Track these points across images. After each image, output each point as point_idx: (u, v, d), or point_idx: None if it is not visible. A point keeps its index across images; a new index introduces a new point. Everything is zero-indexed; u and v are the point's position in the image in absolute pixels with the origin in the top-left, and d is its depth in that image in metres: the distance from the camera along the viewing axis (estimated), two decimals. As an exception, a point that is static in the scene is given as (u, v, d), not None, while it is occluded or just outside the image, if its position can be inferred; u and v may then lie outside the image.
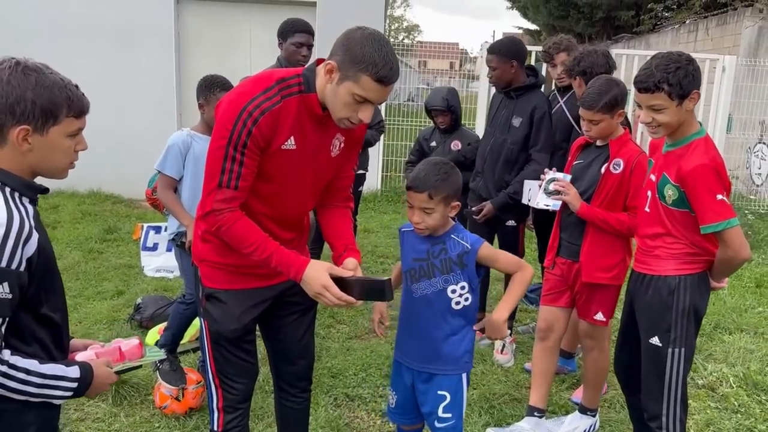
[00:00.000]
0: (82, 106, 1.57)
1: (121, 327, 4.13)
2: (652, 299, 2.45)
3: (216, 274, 2.15)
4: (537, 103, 3.78)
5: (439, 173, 2.20)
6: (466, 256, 2.26)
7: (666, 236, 2.42)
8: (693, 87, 2.29)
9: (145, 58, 8.05)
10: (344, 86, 1.89)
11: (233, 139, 1.90)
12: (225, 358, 2.21)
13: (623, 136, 2.91)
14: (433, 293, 2.30)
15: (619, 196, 2.85)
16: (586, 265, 2.93)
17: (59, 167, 1.59)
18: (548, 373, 3.14)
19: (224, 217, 1.97)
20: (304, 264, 2.00)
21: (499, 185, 3.86)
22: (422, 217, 2.22)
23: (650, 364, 2.49)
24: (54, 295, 1.57)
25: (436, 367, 2.34)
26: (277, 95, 1.94)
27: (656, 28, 15.81)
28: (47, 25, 7.92)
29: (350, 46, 1.87)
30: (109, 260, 5.62)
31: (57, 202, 7.74)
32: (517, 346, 4.17)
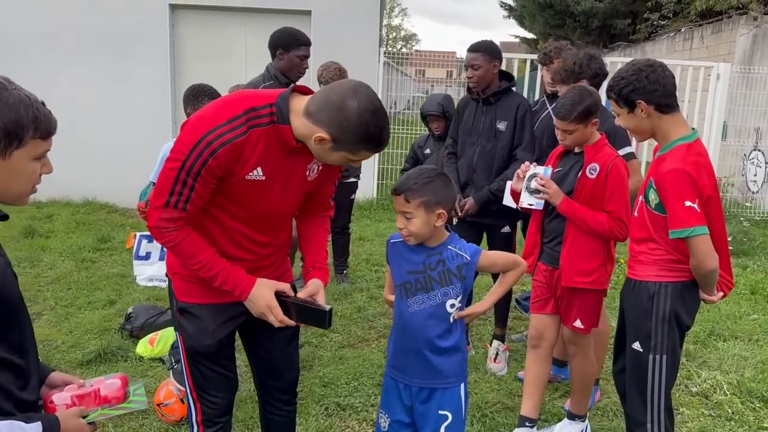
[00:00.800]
0: (49, 126, 1.41)
1: (111, 336, 4.10)
2: (635, 304, 2.47)
3: (189, 287, 2.11)
4: (519, 102, 3.77)
5: (420, 177, 2.14)
6: (466, 267, 2.20)
7: (649, 241, 2.43)
8: (634, 96, 2.34)
9: (140, 67, 8.06)
10: (339, 154, 1.88)
11: (187, 164, 1.83)
12: (202, 373, 2.17)
13: (599, 141, 2.91)
14: (432, 307, 2.20)
15: (595, 201, 2.85)
16: (566, 270, 2.93)
17: (19, 193, 1.42)
18: (541, 382, 3.12)
19: (170, 236, 1.93)
20: (250, 284, 1.99)
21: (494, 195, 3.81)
22: (403, 221, 2.16)
23: (633, 370, 2.49)
24: (15, 334, 1.42)
25: (437, 382, 2.25)
26: (243, 125, 1.85)
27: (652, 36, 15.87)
28: (41, 35, 7.93)
29: (347, 124, 1.80)
30: (102, 269, 5.60)
31: (51, 211, 7.72)
32: (511, 354, 4.15)
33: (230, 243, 2.04)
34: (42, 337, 4.06)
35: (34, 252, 5.99)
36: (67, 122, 8.08)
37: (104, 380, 1.63)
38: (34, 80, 7.87)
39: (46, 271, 5.48)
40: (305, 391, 3.49)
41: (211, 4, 8.09)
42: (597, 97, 2.92)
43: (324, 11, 8.02)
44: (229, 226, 2.02)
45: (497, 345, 3.98)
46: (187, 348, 2.15)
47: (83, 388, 1.58)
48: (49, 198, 8.27)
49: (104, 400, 1.58)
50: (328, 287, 5.02)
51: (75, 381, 1.61)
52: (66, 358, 3.80)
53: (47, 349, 3.90)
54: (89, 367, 3.69)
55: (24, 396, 1.44)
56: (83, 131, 8.04)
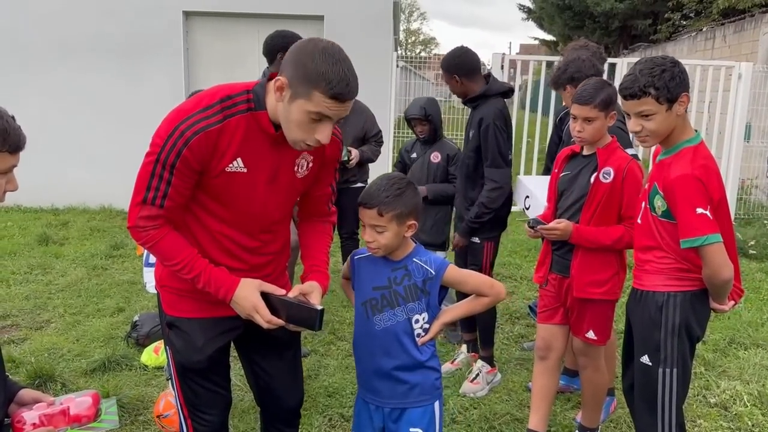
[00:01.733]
0: (18, 140, 1.39)
1: (117, 345, 4.08)
2: (642, 316, 2.35)
3: (177, 300, 2.04)
4: (483, 114, 3.54)
5: (391, 189, 2.02)
6: (431, 282, 2.08)
7: (656, 250, 2.31)
8: (680, 90, 2.18)
9: (154, 74, 8.09)
10: (296, 104, 1.73)
11: (161, 157, 1.78)
12: (192, 390, 2.10)
13: (611, 143, 2.79)
14: (399, 324, 2.09)
15: (612, 207, 2.73)
16: (578, 280, 2.81)
17: None
18: (549, 394, 3.01)
19: (148, 235, 1.86)
20: (234, 284, 1.89)
21: (466, 202, 3.69)
22: (373, 235, 2.04)
23: (642, 385, 2.37)
24: None
25: (409, 401, 2.14)
26: (219, 114, 1.80)
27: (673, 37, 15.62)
28: (57, 43, 8.00)
29: (301, 60, 1.71)
30: (113, 276, 5.60)
31: (68, 218, 7.78)
32: (522, 363, 4.04)
33: (218, 249, 1.96)
34: (49, 345, 4.05)
35: (48, 259, 6.01)
36: (84, 129, 8.25)
37: (74, 398, 1.59)
38: (51, 87, 8.07)
39: (58, 278, 5.49)
40: (309, 401, 3.42)
41: (225, 10, 8.10)
42: (615, 89, 2.79)
43: (337, 16, 7.99)
44: (215, 229, 1.94)
45: (480, 365, 3.74)
46: (177, 364, 2.08)
47: (53, 406, 1.54)
48: (66, 205, 8.35)
49: (74, 419, 1.54)
50: (336, 293, 4.98)
51: (45, 399, 1.57)
52: (71, 366, 3.78)
53: (53, 358, 3.89)
54: (93, 376, 3.67)
55: None
56: (100, 138, 8.11)
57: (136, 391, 3.46)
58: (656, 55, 2.26)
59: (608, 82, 2.82)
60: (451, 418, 3.37)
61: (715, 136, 8.62)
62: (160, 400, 3.17)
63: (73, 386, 3.50)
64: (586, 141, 2.78)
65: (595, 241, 2.73)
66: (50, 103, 8.05)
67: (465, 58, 3.63)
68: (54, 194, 8.30)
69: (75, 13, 7.97)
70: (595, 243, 2.74)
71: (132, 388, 3.51)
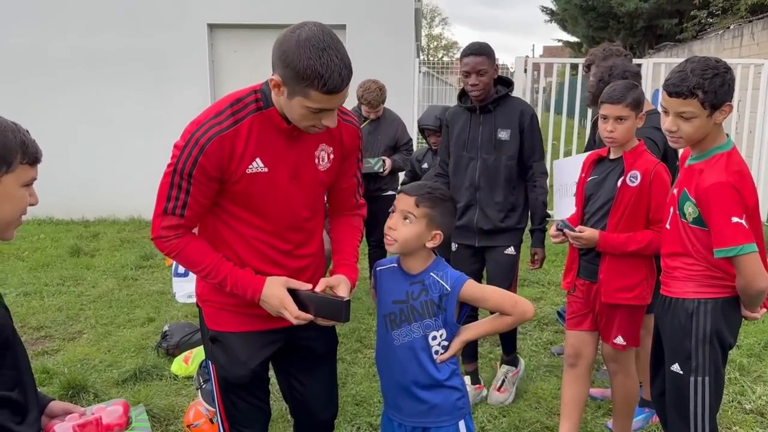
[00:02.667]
0: (36, 153, 1.43)
1: (148, 355, 4.14)
2: (672, 324, 2.30)
3: (219, 315, 2.05)
4: (522, 109, 3.38)
5: (436, 191, 2.02)
6: (446, 298, 2.00)
7: (685, 256, 2.26)
8: (727, 98, 2.13)
9: (180, 87, 8.21)
10: (296, 101, 1.75)
11: (179, 167, 1.82)
12: (234, 405, 2.11)
13: (638, 146, 2.75)
14: (415, 340, 2.04)
15: (639, 211, 2.68)
16: (606, 285, 2.76)
17: (7, 221, 1.42)
18: (579, 402, 2.97)
19: (171, 244, 1.89)
20: (260, 283, 1.90)
21: (504, 209, 3.41)
22: (398, 223, 2.00)
23: (673, 394, 2.32)
24: (9, 370, 1.42)
25: (430, 421, 2.09)
26: (230, 118, 1.83)
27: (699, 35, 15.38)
28: (83, 56, 8.17)
29: (288, 59, 1.68)
30: (143, 287, 5.68)
31: (98, 230, 7.92)
32: (551, 370, 4.00)
33: (257, 257, 1.97)
34: (81, 356, 4.12)
35: (79, 270, 6.13)
36: (113, 143, 8.40)
37: (105, 408, 1.63)
38: (80, 101, 8.24)
39: (89, 289, 5.59)
40: (337, 410, 3.43)
41: (248, 22, 8.20)
42: (643, 92, 2.78)
43: (358, 24, 8.03)
44: (250, 235, 1.95)
45: (505, 370, 3.63)
46: (220, 379, 2.10)
47: (84, 416, 1.57)
48: (96, 217, 8.51)
49: (106, 428, 1.58)
50: (362, 300, 4.99)
51: (75, 410, 1.61)
52: (103, 377, 3.85)
53: (85, 369, 3.96)
54: (125, 386, 3.72)
55: (22, 430, 1.43)
56: (128, 151, 8.24)
57: (167, 401, 3.50)
58: (710, 56, 2.19)
59: (636, 84, 2.78)
60: (480, 426, 3.34)
61: (745, 135, 8.46)
62: (190, 409, 3.20)
63: (106, 396, 3.55)
64: (617, 141, 2.73)
65: (622, 248, 2.69)
66: (80, 117, 8.22)
67: None
68: (84, 206, 8.47)
69: (103, 27, 8.14)
70: (622, 250, 2.69)
71: (163, 398, 3.56)
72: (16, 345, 1.46)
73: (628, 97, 2.66)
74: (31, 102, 7.98)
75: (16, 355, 1.45)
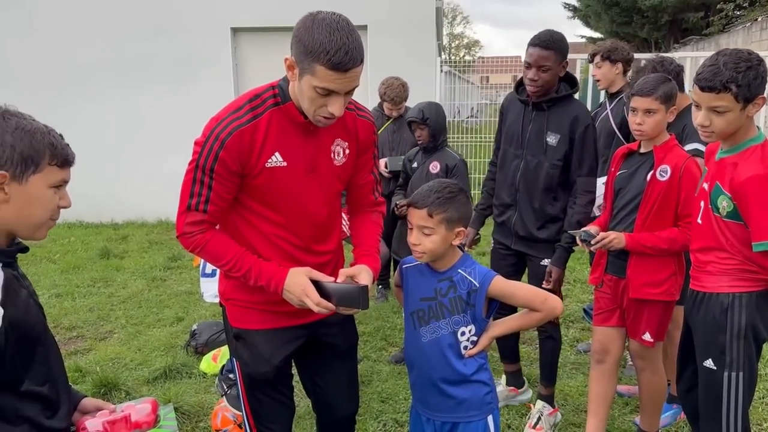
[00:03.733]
0: (66, 155, 1.44)
1: (177, 353, 4.21)
2: (705, 318, 2.26)
3: (243, 313, 2.09)
4: (577, 114, 3.06)
5: (443, 191, 2.00)
6: (475, 294, 2.01)
7: (718, 251, 2.23)
8: (760, 91, 2.10)
9: (205, 91, 8.29)
10: (305, 80, 1.76)
11: (200, 162, 1.85)
12: (259, 401, 2.15)
13: (669, 141, 2.72)
14: (443, 336, 2.05)
15: (668, 206, 2.66)
16: (633, 281, 2.74)
17: (38, 221, 1.43)
18: (606, 399, 2.95)
19: (196, 239, 1.92)
20: (283, 273, 1.91)
21: (541, 219, 3.16)
22: (420, 238, 2.00)
23: (706, 390, 2.29)
24: (41, 365, 1.44)
25: (458, 416, 2.09)
26: (248, 113, 1.86)
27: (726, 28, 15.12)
28: (112, 63, 8.32)
29: (301, 36, 1.73)
30: (171, 287, 5.78)
31: (127, 232, 8.06)
32: (577, 367, 3.98)
33: (277, 254, 2.00)
34: (112, 355, 4.21)
35: (109, 272, 6.25)
36: (142, 147, 8.54)
37: (135, 405, 1.65)
38: (108, 107, 8.39)
39: (119, 290, 5.70)
40: (363, 406, 3.45)
41: (271, 25, 8.27)
42: (677, 87, 2.75)
43: (380, 25, 8.05)
44: (270, 232, 1.98)
45: (541, 407, 3.34)
46: (245, 375, 2.14)
47: (114, 413, 1.61)
48: (125, 219, 8.66)
49: (135, 425, 1.60)
50: (390, 299, 5.01)
51: (106, 406, 1.64)
52: (134, 375, 3.92)
53: (116, 367, 4.04)
54: (155, 384, 3.79)
55: (53, 424, 1.46)
56: (154, 154, 8.36)
57: (196, 399, 3.56)
58: (741, 48, 2.16)
59: (670, 78, 2.75)
60: (506, 424, 3.35)
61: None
62: (216, 415, 3.23)
63: (137, 394, 3.63)
64: (645, 134, 2.70)
65: (651, 246, 2.67)
66: (108, 122, 8.37)
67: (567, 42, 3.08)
68: (113, 209, 8.62)
69: (129, 33, 8.27)
70: (651, 248, 2.67)
71: (192, 396, 3.62)
72: (47, 341, 1.48)
73: (659, 90, 2.64)
74: (61, 109, 8.14)
75: (47, 351, 1.47)
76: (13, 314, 1.34)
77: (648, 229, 2.70)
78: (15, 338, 1.34)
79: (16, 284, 1.40)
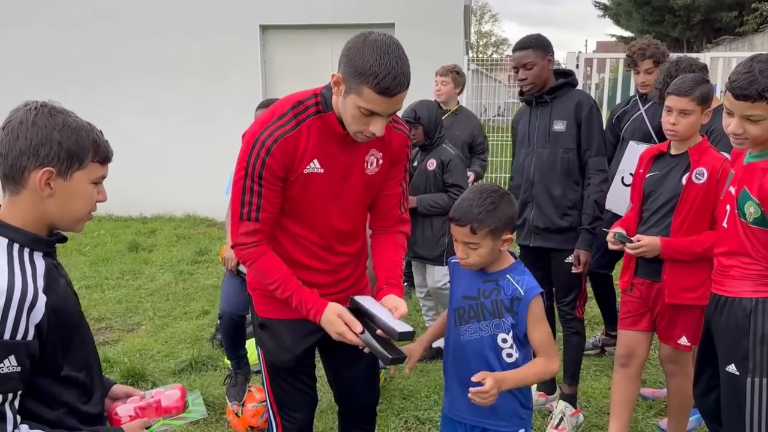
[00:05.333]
0: (107, 152, 1.50)
1: (203, 346, 4.28)
2: (728, 323, 2.23)
3: (267, 303, 2.14)
4: (579, 99, 3.18)
5: (485, 203, 1.94)
6: (518, 302, 1.96)
7: (742, 256, 2.19)
8: None
9: (233, 87, 8.40)
10: (350, 99, 1.80)
11: (249, 170, 1.89)
12: (282, 389, 2.20)
13: (702, 143, 2.68)
14: (483, 338, 2.01)
15: (705, 209, 2.60)
16: (670, 286, 2.69)
17: (78, 216, 1.49)
18: (629, 402, 2.92)
19: (248, 252, 1.96)
20: (321, 308, 1.94)
21: (562, 207, 3.19)
22: (467, 252, 1.98)
23: (729, 396, 2.25)
24: (78, 352, 1.49)
25: (489, 422, 2.06)
26: (292, 120, 1.90)
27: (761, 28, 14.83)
28: (143, 60, 8.46)
29: (351, 55, 1.76)
30: (198, 281, 5.86)
31: (155, 226, 8.19)
32: (601, 369, 3.95)
33: (301, 252, 2.05)
34: (140, 346, 4.29)
35: (138, 265, 6.36)
36: (170, 143, 8.66)
37: (164, 391, 1.70)
38: (138, 103, 8.53)
39: (147, 283, 5.81)
40: (385, 403, 3.48)
41: (299, 23, 8.33)
42: (713, 89, 2.70)
43: (407, 23, 8.06)
44: (296, 233, 2.02)
45: (563, 407, 3.30)
46: (268, 363, 2.19)
47: (144, 399, 1.66)
48: (153, 214, 8.80)
49: (165, 410, 1.65)
50: (413, 297, 5.02)
51: (136, 393, 1.69)
52: (160, 366, 4.00)
53: (143, 358, 4.12)
54: (181, 376, 3.86)
55: (88, 409, 1.51)
56: (184, 150, 8.48)
57: (221, 391, 3.62)
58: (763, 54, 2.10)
59: (707, 79, 2.70)
60: (528, 423, 3.33)
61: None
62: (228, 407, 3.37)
63: (163, 385, 3.69)
64: (678, 135, 2.66)
65: (688, 252, 2.62)
66: (138, 118, 8.50)
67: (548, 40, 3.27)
68: (142, 204, 8.77)
69: (159, 31, 8.40)
70: (688, 254, 2.62)
71: (217, 388, 3.68)
72: (83, 329, 1.54)
73: (696, 91, 2.59)
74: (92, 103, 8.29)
75: (84, 338, 1.53)
76: (54, 301, 1.38)
77: (685, 233, 2.65)
78: (56, 325, 1.38)
79: (56, 273, 1.45)
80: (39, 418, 1.39)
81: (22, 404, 1.36)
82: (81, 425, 1.47)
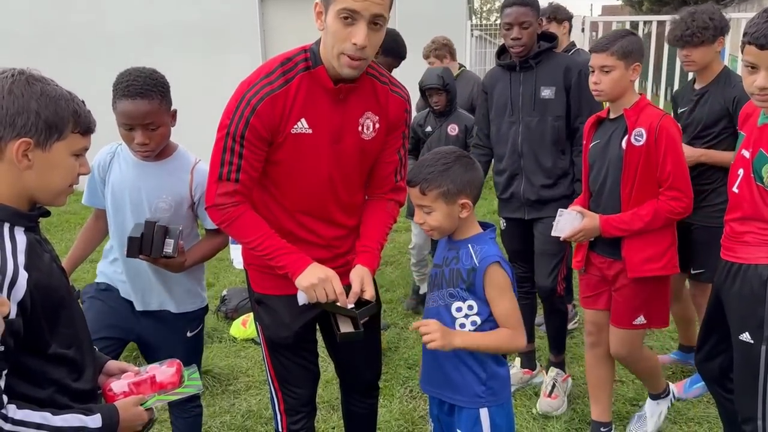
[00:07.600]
0: (88, 122, 1.43)
1: (207, 318, 4.24)
2: (741, 291, 2.15)
3: (263, 278, 2.08)
4: (567, 64, 3.02)
5: (436, 165, 1.85)
6: (473, 273, 1.87)
7: (758, 221, 2.09)
8: None
9: (233, 58, 8.28)
10: (330, 14, 1.73)
11: (231, 130, 1.82)
12: (282, 364, 2.16)
13: (640, 101, 2.50)
14: (440, 307, 1.94)
15: (651, 173, 2.45)
16: (631, 259, 2.52)
17: (58, 189, 1.43)
18: (606, 383, 2.84)
19: (228, 212, 1.88)
20: (302, 266, 1.88)
21: (553, 176, 3.07)
22: (422, 216, 1.90)
23: (742, 363, 2.19)
24: (66, 328, 1.44)
25: (447, 395, 1.99)
26: (281, 78, 1.82)
27: (771, -12, 14.50)
28: (141, 31, 8.36)
29: None
30: (203, 254, 5.84)
31: (159, 199, 8.15)
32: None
33: (296, 224, 1.99)
34: (145, 319, 4.29)
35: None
36: (170, 116, 8.58)
37: (159, 367, 1.67)
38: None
39: (151, 256, 5.78)
40: (390, 372, 3.49)
41: (297, -10, 8.20)
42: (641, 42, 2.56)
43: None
44: (291, 204, 1.96)
45: (554, 374, 3.23)
46: (267, 339, 2.15)
47: (139, 375, 1.62)
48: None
49: (160, 386, 1.62)
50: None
51: (130, 368, 1.66)
52: (166, 339, 4.00)
53: (149, 331, 4.12)
54: (186, 348, 3.86)
55: (79, 386, 1.47)
56: (184, 122, 8.36)
57: (226, 362, 3.63)
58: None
59: (633, 32, 2.54)
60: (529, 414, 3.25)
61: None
62: None
63: (168, 358, 3.70)
64: (605, 94, 2.51)
65: (629, 229, 2.48)
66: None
67: None
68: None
69: (158, 1, 8.28)
70: (629, 231, 2.48)
71: (222, 359, 3.69)
72: (71, 305, 1.48)
73: (615, 45, 2.44)
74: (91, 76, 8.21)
75: (72, 314, 1.47)
76: (38, 278, 1.34)
77: (636, 202, 2.48)
78: (40, 302, 1.34)
79: (39, 248, 1.40)
80: (29, 398, 1.36)
81: (11, 385, 1.33)
82: (73, 403, 1.43)
